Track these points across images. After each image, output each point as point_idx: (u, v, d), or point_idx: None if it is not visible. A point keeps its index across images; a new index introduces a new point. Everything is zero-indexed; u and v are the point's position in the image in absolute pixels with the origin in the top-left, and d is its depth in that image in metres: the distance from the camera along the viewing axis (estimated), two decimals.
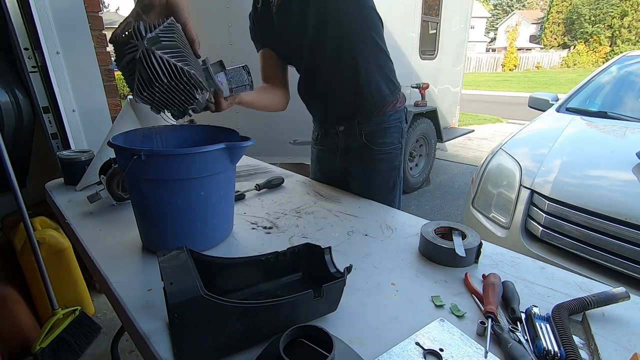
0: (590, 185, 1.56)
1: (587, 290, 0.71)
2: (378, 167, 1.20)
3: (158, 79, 0.64)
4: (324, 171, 1.34)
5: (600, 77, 2.66)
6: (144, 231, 0.86)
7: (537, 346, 0.55)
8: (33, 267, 1.52)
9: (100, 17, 1.94)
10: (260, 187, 1.22)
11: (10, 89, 1.64)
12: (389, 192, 1.22)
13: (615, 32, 26.41)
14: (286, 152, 3.22)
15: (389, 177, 1.21)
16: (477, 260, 0.81)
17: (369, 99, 1.14)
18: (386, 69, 1.16)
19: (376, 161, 1.19)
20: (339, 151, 1.24)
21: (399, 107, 1.20)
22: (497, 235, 1.71)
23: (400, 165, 1.23)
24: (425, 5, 3.96)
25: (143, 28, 0.62)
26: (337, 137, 1.23)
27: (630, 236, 1.33)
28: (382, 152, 1.19)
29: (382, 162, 1.20)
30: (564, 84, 15.12)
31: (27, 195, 1.51)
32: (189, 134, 1.00)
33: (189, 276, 0.52)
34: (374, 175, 1.21)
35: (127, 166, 0.71)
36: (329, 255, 0.68)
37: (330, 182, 1.31)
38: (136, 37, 0.62)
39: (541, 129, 2.30)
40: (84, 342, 1.59)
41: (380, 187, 1.21)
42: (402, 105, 1.22)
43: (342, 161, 1.25)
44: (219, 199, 0.83)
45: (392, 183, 1.22)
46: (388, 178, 1.21)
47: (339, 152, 1.24)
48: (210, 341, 0.53)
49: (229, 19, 2.99)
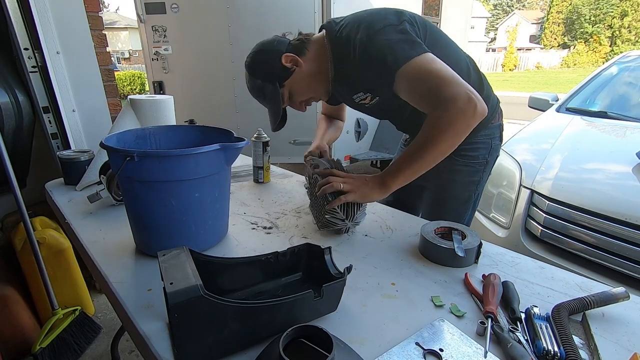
0: (590, 185, 1.56)
1: (587, 290, 0.71)
2: (454, 178, 1.15)
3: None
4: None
5: (600, 77, 2.66)
6: (138, 233, 0.85)
7: (537, 346, 0.55)
8: (33, 267, 1.52)
9: (100, 17, 1.93)
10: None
11: (10, 89, 1.64)
12: (461, 205, 1.17)
13: (615, 32, 26.41)
14: (286, 152, 3.22)
15: (463, 190, 1.16)
16: (477, 260, 0.81)
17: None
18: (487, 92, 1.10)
19: (454, 172, 1.14)
20: None
21: (492, 124, 1.13)
22: (497, 235, 1.71)
23: (480, 182, 1.17)
24: (425, 5, 3.96)
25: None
26: None
27: (630, 236, 1.33)
28: (463, 164, 1.13)
29: (459, 174, 1.14)
30: (564, 84, 15.11)
31: (27, 195, 1.50)
32: (184, 135, 1.00)
33: (189, 276, 0.52)
34: (450, 185, 1.17)
35: (120, 168, 0.71)
36: (329, 255, 0.68)
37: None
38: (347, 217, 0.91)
39: (541, 129, 2.29)
40: (84, 342, 1.59)
41: (453, 198, 1.17)
42: (497, 122, 1.15)
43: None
44: (213, 200, 0.83)
45: (466, 196, 1.17)
46: (463, 190, 1.16)
47: None
48: (210, 341, 0.53)
49: (229, 19, 2.99)
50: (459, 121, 0.82)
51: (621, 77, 2.59)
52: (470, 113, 0.81)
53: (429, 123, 0.86)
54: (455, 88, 0.82)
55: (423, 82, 0.85)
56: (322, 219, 0.93)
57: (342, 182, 0.90)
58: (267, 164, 1.32)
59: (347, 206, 0.90)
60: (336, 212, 0.89)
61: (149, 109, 1.32)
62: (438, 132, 0.84)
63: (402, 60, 0.85)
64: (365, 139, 3.55)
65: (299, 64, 1.00)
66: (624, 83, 2.54)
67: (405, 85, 0.89)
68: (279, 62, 0.98)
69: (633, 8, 25.46)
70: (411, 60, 0.85)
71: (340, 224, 0.91)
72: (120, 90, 11.84)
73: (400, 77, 0.87)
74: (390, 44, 0.87)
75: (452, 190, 1.17)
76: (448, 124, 0.83)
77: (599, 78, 2.66)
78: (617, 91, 2.53)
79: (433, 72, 0.84)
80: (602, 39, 26.99)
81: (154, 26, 3.12)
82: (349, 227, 0.93)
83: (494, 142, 1.14)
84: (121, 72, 13.41)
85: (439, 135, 0.84)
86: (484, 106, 0.83)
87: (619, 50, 23.42)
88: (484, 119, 1.08)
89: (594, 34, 27.52)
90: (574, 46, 28.85)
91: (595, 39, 27.28)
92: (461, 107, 0.81)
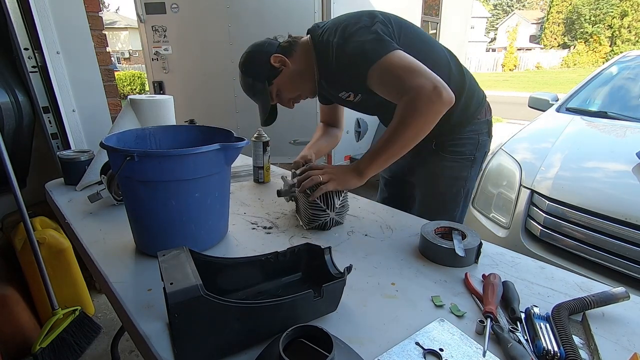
0: (590, 185, 1.56)
1: (587, 290, 0.71)
2: (442, 174, 1.18)
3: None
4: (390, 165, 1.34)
5: (600, 77, 2.66)
6: (138, 233, 0.85)
7: (536, 346, 0.55)
8: (33, 267, 1.52)
9: (100, 17, 1.93)
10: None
11: (10, 89, 1.64)
12: (450, 201, 1.19)
13: (615, 32, 26.40)
14: (286, 152, 3.22)
15: (451, 186, 1.18)
16: (477, 260, 0.81)
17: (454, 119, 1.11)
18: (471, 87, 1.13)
19: (442, 167, 1.17)
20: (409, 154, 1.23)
21: (478, 119, 1.16)
22: (497, 235, 1.71)
23: (469, 177, 1.19)
24: (425, 5, 3.96)
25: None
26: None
27: (630, 236, 1.33)
28: (449, 160, 1.16)
29: (446, 169, 1.17)
30: (564, 84, 15.10)
31: (27, 195, 1.50)
32: (183, 135, 1.00)
33: (189, 276, 0.52)
34: (437, 181, 1.19)
35: (120, 168, 0.71)
36: (329, 255, 0.68)
37: (393, 176, 1.32)
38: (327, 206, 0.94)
39: (541, 129, 2.29)
40: (84, 342, 1.59)
41: (441, 194, 1.19)
42: (484, 118, 1.18)
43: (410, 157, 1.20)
44: (213, 200, 0.83)
45: (454, 192, 1.19)
46: (450, 186, 1.19)
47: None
48: (210, 341, 0.53)
49: (229, 19, 2.99)
50: (425, 107, 0.88)
51: (621, 77, 2.59)
52: (435, 99, 0.87)
53: (398, 111, 0.92)
54: (420, 78, 0.88)
55: (391, 74, 0.91)
56: (306, 215, 0.95)
57: (320, 174, 0.95)
58: (267, 164, 1.32)
59: (327, 196, 0.94)
60: (318, 204, 0.93)
61: (149, 109, 1.32)
62: (406, 118, 0.90)
63: (373, 58, 0.91)
64: (365, 139, 3.55)
65: (287, 64, 1.07)
66: (624, 83, 2.54)
67: (376, 80, 0.94)
68: (268, 62, 1.06)
69: (633, 8, 25.45)
70: (382, 58, 0.91)
71: (323, 214, 0.94)
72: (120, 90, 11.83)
73: (371, 73, 0.93)
74: (362, 44, 0.93)
75: (440, 186, 1.20)
76: (414, 110, 0.88)
77: (599, 78, 2.66)
78: (617, 91, 2.53)
79: (400, 65, 0.90)
80: (602, 39, 26.98)
81: (154, 26, 3.12)
82: (333, 219, 0.96)
83: (482, 137, 1.17)
84: (121, 72, 13.40)
85: (407, 121, 0.90)
86: (451, 94, 0.88)
87: (619, 50, 23.42)
88: (469, 114, 1.14)
89: (594, 34, 27.51)
90: (574, 46, 28.85)
91: (595, 39, 27.28)
92: (426, 93, 0.86)
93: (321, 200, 0.94)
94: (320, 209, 0.93)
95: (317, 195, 0.93)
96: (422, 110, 0.88)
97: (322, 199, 0.94)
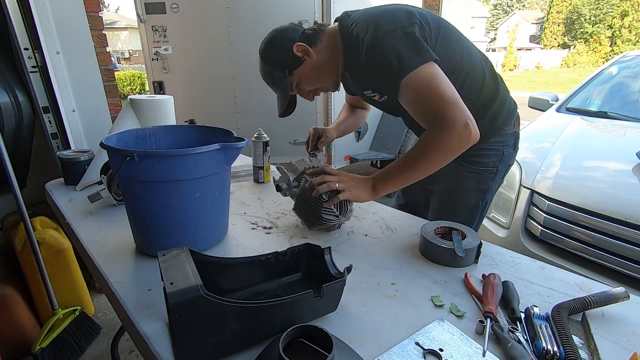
0: (590, 185, 1.56)
1: (587, 290, 0.71)
2: (463, 185, 1.13)
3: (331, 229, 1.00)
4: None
5: (600, 77, 2.66)
6: (138, 233, 0.85)
7: (536, 346, 0.55)
8: (33, 267, 1.52)
9: (100, 17, 1.93)
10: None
11: (10, 89, 1.64)
12: (468, 212, 1.16)
13: (616, 32, 26.40)
14: (286, 152, 3.22)
15: (471, 197, 1.14)
16: (477, 260, 0.81)
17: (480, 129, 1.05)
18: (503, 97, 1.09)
19: (463, 178, 1.12)
20: None
21: (505, 131, 1.11)
22: (497, 235, 1.71)
23: (489, 190, 1.14)
24: (425, 5, 3.96)
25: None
26: None
27: (630, 236, 1.33)
28: (472, 171, 1.11)
29: (468, 181, 1.12)
30: (564, 84, 15.11)
31: (27, 195, 1.50)
32: (183, 135, 1.00)
33: (189, 276, 0.52)
34: (458, 192, 1.15)
35: (120, 168, 0.71)
36: (329, 255, 0.68)
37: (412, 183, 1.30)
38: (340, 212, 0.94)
39: (541, 129, 2.29)
40: (84, 342, 1.59)
41: (460, 205, 1.15)
42: (512, 130, 1.13)
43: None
44: (213, 200, 0.83)
45: (473, 204, 1.14)
46: (470, 198, 1.14)
47: None
48: (210, 341, 0.53)
49: (229, 19, 2.99)
50: (453, 144, 0.85)
51: (621, 77, 2.59)
52: (464, 138, 0.84)
53: (426, 139, 0.88)
54: (455, 112, 0.84)
55: (425, 99, 0.87)
56: (314, 217, 0.93)
57: (337, 181, 0.93)
58: (267, 164, 1.32)
59: (340, 203, 0.94)
60: (331, 209, 0.92)
61: (149, 109, 1.32)
62: (432, 149, 0.87)
63: (408, 67, 0.85)
64: (365, 139, 3.55)
65: (310, 54, 1.00)
66: (624, 83, 2.54)
67: (408, 97, 0.90)
68: (291, 51, 0.99)
69: (633, 8, 25.46)
70: (416, 70, 0.85)
71: (334, 219, 0.93)
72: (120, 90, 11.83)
73: (404, 86, 0.88)
74: (396, 49, 0.87)
75: (459, 197, 1.15)
76: (443, 145, 0.86)
77: (599, 78, 2.66)
78: (617, 91, 2.53)
79: (437, 91, 0.85)
80: (602, 39, 26.98)
81: (154, 26, 3.12)
82: (341, 223, 0.97)
83: (507, 150, 1.12)
84: (121, 72, 13.41)
85: (433, 153, 0.87)
86: (477, 132, 0.86)
87: (619, 50, 23.41)
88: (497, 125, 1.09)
89: (594, 34, 27.52)
90: (574, 46, 28.86)
91: (595, 39, 27.28)
92: (458, 131, 0.83)
93: (335, 207, 0.92)
94: (332, 214, 0.92)
95: (333, 204, 0.91)
96: (450, 146, 0.86)
97: (337, 205, 0.93)
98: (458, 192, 1.15)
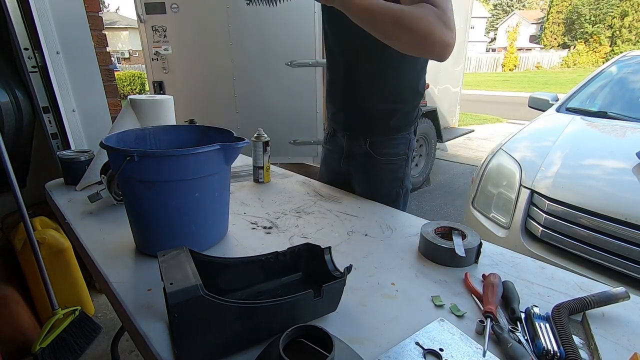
0: (590, 185, 1.56)
1: (587, 290, 0.71)
2: (380, 176, 1.18)
3: None
4: (329, 171, 1.33)
5: (600, 77, 2.66)
6: (138, 234, 0.85)
7: (536, 346, 0.55)
8: (33, 267, 1.52)
9: (100, 17, 1.94)
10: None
11: (10, 89, 1.64)
12: (391, 202, 1.18)
13: (616, 32, 26.41)
14: (286, 152, 3.22)
15: (391, 188, 1.19)
16: (477, 260, 0.81)
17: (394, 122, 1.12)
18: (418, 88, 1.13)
19: (379, 170, 1.17)
20: (343, 153, 1.23)
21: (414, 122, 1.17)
22: (497, 235, 1.71)
23: (405, 177, 1.20)
24: None
25: None
26: (343, 140, 1.22)
27: (630, 236, 1.33)
28: (386, 162, 1.16)
29: (384, 172, 1.17)
30: (564, 84, 15.11)
31: (27, 195, 1.50)
32: (184, 135, 1.00)
33: (189, 276, 0.52)
34: (377, 184, 1.19)
35: (120, 168, 0.71)
36: (329, 255, 0.68)
37: (334, 183, 1.30)
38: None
39: (541, 129, 2.29)
40: (84, 342, 1.59)
41: (383, 197, 1.18)
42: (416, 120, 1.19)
43: (346, 164, 1.24)
44: (213, 200, 0.83)
45: (394, 193, 1.19)
46: (390, 188, 1.19)
47: (343, 155, 1.24)
48: (210, 341, 0.53)
49: (229, 19, 2.99)
50: (435, 36, 0.82)
51: (621, 77, 2.59)
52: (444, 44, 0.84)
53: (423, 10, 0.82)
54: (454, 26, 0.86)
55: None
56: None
57: None
58: (267, 164, 1.32)
59: None
60: None
61: (149, 109, 1.32)
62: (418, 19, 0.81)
63: None
64: None
65: None
66: (624, 83, 2.54)
67: None
68: None
69: (633, 8, 25.46)
70: None
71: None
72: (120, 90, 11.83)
73: None
74: None
75: (379, 189, 1.19)
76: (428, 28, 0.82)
77: (599, 78, 2.66)
78: (617, 91, 2.53)
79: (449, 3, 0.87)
80: (602, 39, 26.99)
81: (154, 26, 3.12)
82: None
83: (411, 136, 1.18)
84: (121, 72, 13.41)
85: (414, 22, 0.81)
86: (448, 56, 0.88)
87: (619, 50, 23.42)
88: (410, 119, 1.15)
89: (594, 34, 27.52)
90: (574, 46, 28.86)
91: (595, 39, 27.29)
92: (448, 35, 0.84)
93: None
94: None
95: None
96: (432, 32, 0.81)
97: None
98: (378, 185, 1.19)
